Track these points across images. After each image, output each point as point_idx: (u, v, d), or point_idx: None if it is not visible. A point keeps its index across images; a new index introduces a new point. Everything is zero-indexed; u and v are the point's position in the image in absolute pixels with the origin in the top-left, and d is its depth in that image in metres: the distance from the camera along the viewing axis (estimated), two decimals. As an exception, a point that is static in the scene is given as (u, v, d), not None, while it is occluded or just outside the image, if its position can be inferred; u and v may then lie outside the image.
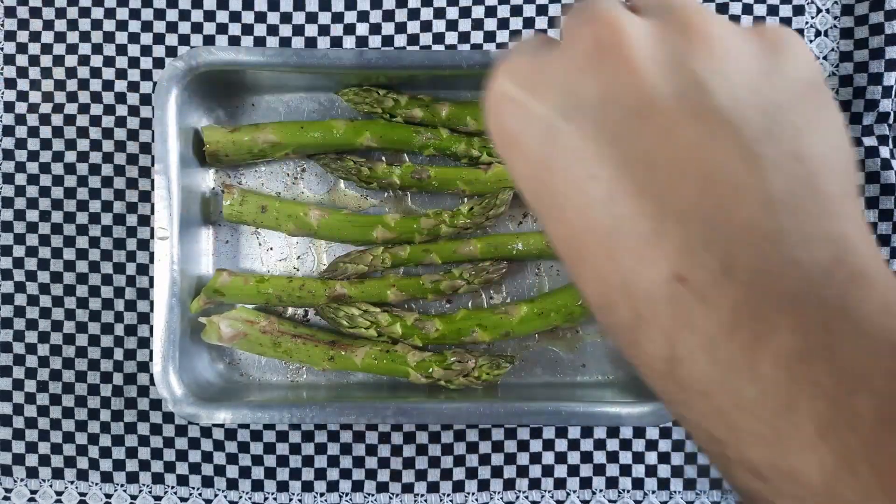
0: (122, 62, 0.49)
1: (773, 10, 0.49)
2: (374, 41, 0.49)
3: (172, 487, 0.49)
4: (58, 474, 0.49)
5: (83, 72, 0.49)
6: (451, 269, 0.47)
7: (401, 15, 0.49)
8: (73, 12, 0.49)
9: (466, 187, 0.47)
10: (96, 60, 0.49)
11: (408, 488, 0.49)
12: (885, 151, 0.47)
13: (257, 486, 0.49)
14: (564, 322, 0.47)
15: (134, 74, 0.49)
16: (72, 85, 0.49)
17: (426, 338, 0.46)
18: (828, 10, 0.49)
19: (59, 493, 0.49)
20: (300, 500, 0.49)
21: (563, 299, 0.46)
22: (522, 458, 0.49)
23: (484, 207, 0.46)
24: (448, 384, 0.46)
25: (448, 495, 0.49)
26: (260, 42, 0.49)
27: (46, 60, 0.49)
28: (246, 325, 0.46)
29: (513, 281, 0.49)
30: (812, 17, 0.49)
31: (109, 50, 0.49)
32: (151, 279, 0.49)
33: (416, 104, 0.47)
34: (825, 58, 0.49)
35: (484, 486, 0.49)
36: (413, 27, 0.49)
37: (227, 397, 0.45)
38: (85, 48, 0.49)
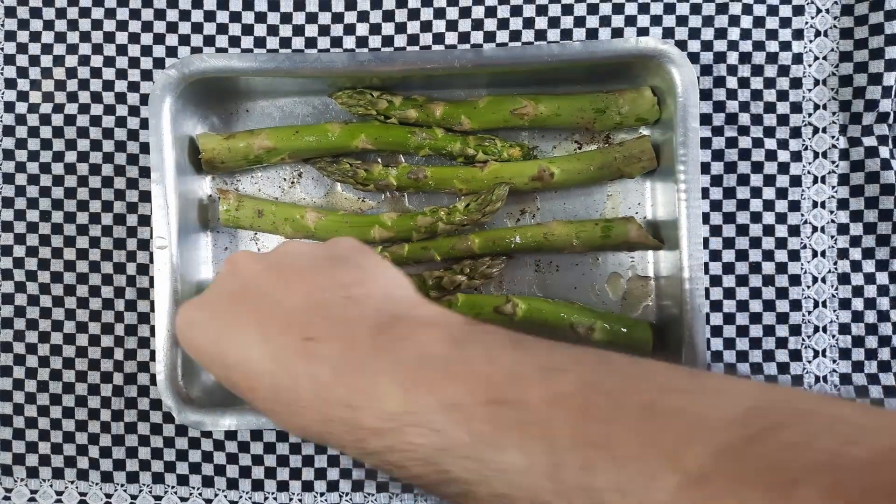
0: (122, 62, 0.49)
1: (772, 10, 0.48)
2: (374, 41, 0.49)
3: (172, 487, 0.49)
4: (58, 474, 0.49)
5: (83, 72, 0.49)
6: (450, 265, 0.47)
7: (401, 15, 0.49)
8: (73, 12, 0.49)
9: (463, 186, 0.47)
10: (96, 61, 0.49)
11: (407, 488, 0.49)
12: (884, 151, 0.47)
13: (257, 485, 0.49)
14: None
15: (134, 74, 0.49)
16: (72, 85, 0.49)
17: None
18: (827, 11, 0.49)
19: (59, 493, 0.49)
20: (300, 500, 0.49)
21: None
22: (522, 458, 0.49)
23: (480, 203, 0.46)
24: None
25: (448, 495, 0.49)
26: (260, 42, 0.49)
27: (46, 60, 0.49)
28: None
29: (512, 277, 0.49)
30: (812, 18, 0.49)
31: (109, 50, 0.49)
32: (151, 279, 0.49)
33: (411, 105, 0.47)
34: (825, 58, 0.49)
35: (483, 485, 0.49)
36: (413, 27, 0.49)
37: (233, 401, 0.45)
38: (85, 48, 0.49)
